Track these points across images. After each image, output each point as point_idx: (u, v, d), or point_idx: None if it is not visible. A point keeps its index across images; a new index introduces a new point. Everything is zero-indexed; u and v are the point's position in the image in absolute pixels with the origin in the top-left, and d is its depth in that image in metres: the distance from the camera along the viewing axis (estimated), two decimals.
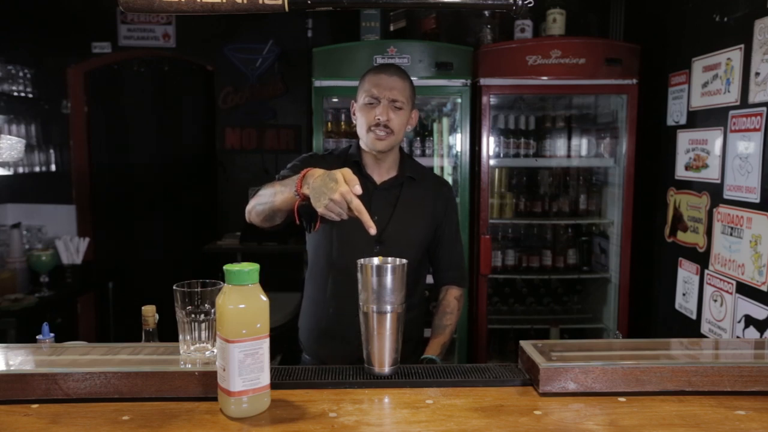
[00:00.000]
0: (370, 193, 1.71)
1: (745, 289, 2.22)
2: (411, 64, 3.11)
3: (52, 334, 1.41)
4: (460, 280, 1.86)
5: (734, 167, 2.29)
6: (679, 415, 1.02)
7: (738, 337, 2.25)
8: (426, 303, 1.89)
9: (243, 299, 0.98)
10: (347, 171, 1.28)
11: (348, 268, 1.62)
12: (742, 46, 2.24)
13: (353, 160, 1.74)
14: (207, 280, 1.12)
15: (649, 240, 3.07)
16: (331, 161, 1.76)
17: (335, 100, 3.36)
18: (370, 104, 1.67)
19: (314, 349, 1.77)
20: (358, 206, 1.24)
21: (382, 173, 1.75)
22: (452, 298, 1.82)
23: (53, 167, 4.06)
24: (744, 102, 2.23)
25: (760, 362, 1.16)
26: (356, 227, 1.63)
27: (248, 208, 1.60)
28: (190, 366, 1.09)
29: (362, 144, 1.73)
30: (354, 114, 1.75)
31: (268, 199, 1.50)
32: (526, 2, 1.06)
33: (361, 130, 1.70)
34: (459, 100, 3.19)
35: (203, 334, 1.13)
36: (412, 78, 3.01)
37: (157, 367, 1.08)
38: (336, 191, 1.23)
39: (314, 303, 1.78)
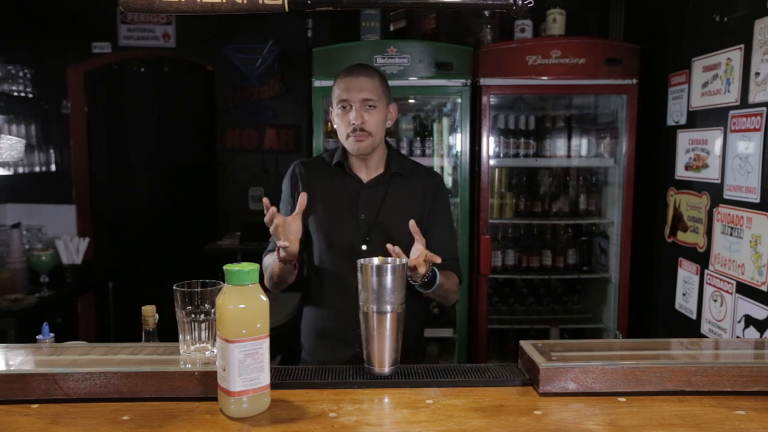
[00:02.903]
0: (357, 191, 1.70)
1: (745, 289, 2.22)
2: (411, 64, 3.11)
3: (52, 334, 1.41)
4: (454, 271, 1.74)
5: (734, 167, 2.29)
6: (679, 415, 1.02)
7: (738, 337, 2.25)
8: (424, 302, 1.88)
9: (243, 299, 0.98)
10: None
11: (338, 270, 1.65)
12: (742, 46, 2.24)
13: (338, 161, 1.73)
14: (207, 280, 1.12)
15: (649, 240, 3.07)
16: (317, 166, 1.77)
17: None
18: (343, 109, 1.65)
19: (314, 350, 1.77)
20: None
21: (369, 171, 1.73)
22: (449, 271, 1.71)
23: (53, 167, 4.06)
24: (744, 102, 2.23)
25: (760, 362, 1.16)
26: (342, 227, 1.67)
27: (265, 281, 1.71)
28: (190, 366, 1.09)
29: (346, 147, 1.73)
30: (332, 120, 1.73)
31: (272, 275, 1.66)
32: (526, 2, 1.06)
33: (341, 136, 1.69)
34: (459, 100, 3.19)
35: (203, 334, 1.13)
36: (411, 78, 3.11)
37: (157, 367, 1.08)
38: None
39: (311, 305, 1.79)
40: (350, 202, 1.70)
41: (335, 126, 1.71)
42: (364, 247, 1.64)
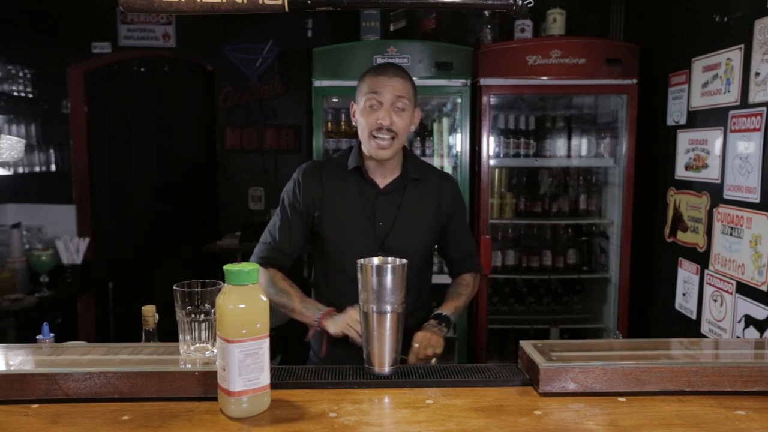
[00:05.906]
0: (373, 198, 1.68)
1: (745, 289, 2.21)
2: (411, 64, 3.10)
3: (52, 334, 1.41)
4: (473, 266, 1.86)
5: (734, 167, 2.29)
6: (679, 415, 1.02)
7: (738, 337, 2.25)
8: (433, 307, 1.88)
9: (243, 299, 0.98)
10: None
11: (352, 276, 1.62)
12: (742, 46, 2.24)
13: (354, 166, 1.69)
14: (207, 280, 1.12)
15: (649, 240, 3.07)
16: (328, 170, 1.72)
17: (335, 100, 3.37)
18: (371, 107, 1.61)
19: (325, 354, 1.76)
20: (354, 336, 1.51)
21: (385, 175, 1.71)
22: (466, 275, 1.84)
23: (53, 167, 4.06)
24: (744, 102, 2.23)
25: (760, 362, 1.16)
26: (358, 235, 1.65)
27: (262, 284, 1.67)
28: (190, 366, 1.09)
29: (364, 149, 1.68)
30: (354, 117, 1.69)
31: (284, 307, 1.66)
32: (526, 2, 1.06)
33: (362, 134, 1.64)
34: (459, 100, 3.19)
35: (203, 334, 1.13)
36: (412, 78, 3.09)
37: (157, 367, 1.08)
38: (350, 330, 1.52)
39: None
40: (367, 210, 1.68)
41: (356, 124, 1.67)
42: (380, 254, 1.62)
